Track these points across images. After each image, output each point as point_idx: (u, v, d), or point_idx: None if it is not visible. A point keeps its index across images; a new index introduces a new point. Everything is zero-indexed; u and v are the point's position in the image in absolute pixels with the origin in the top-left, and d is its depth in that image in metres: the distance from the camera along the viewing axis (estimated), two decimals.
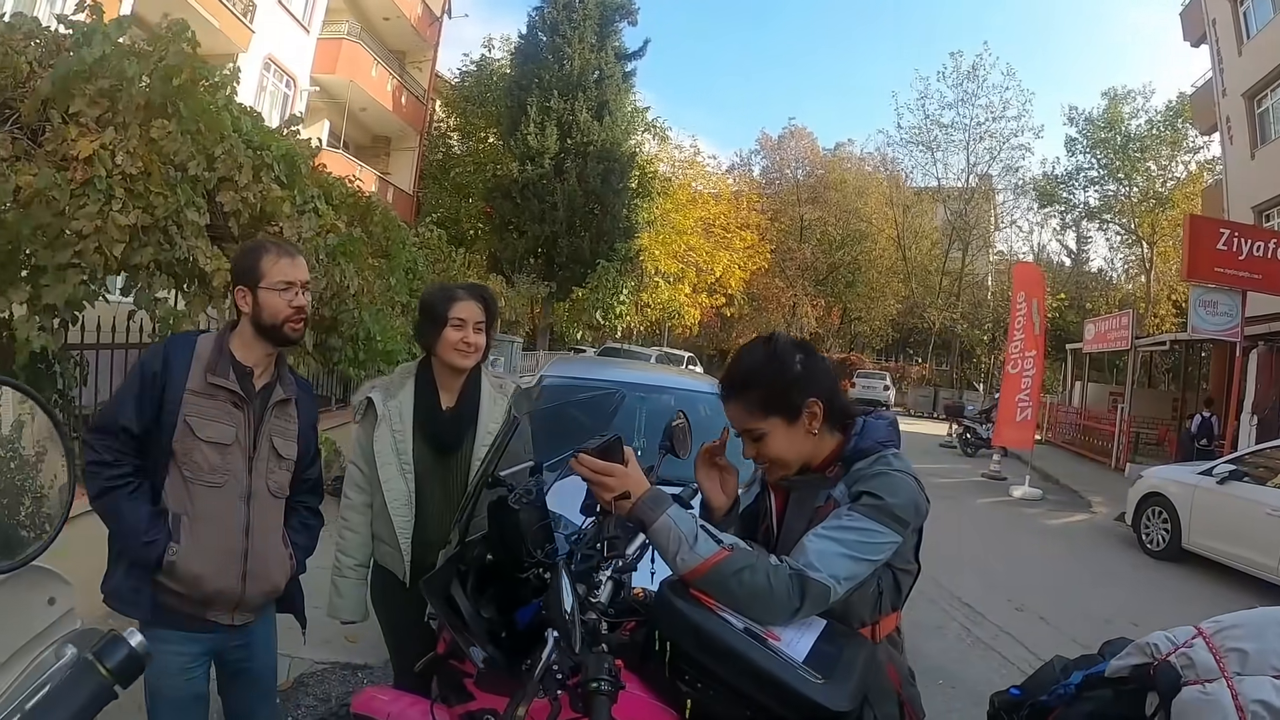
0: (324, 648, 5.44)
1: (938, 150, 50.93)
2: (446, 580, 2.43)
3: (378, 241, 9.62)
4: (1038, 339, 18.56)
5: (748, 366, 2.43)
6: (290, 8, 26.25)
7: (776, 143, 56.96)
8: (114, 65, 5.04)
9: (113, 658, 1.21)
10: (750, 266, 44.11)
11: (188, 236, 5.32)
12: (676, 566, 2.13)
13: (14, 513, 1.56)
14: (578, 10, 31.86)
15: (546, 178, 30.27)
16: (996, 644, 7.68)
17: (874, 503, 2.19)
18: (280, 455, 3.07)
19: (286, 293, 2.96)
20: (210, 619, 2.96)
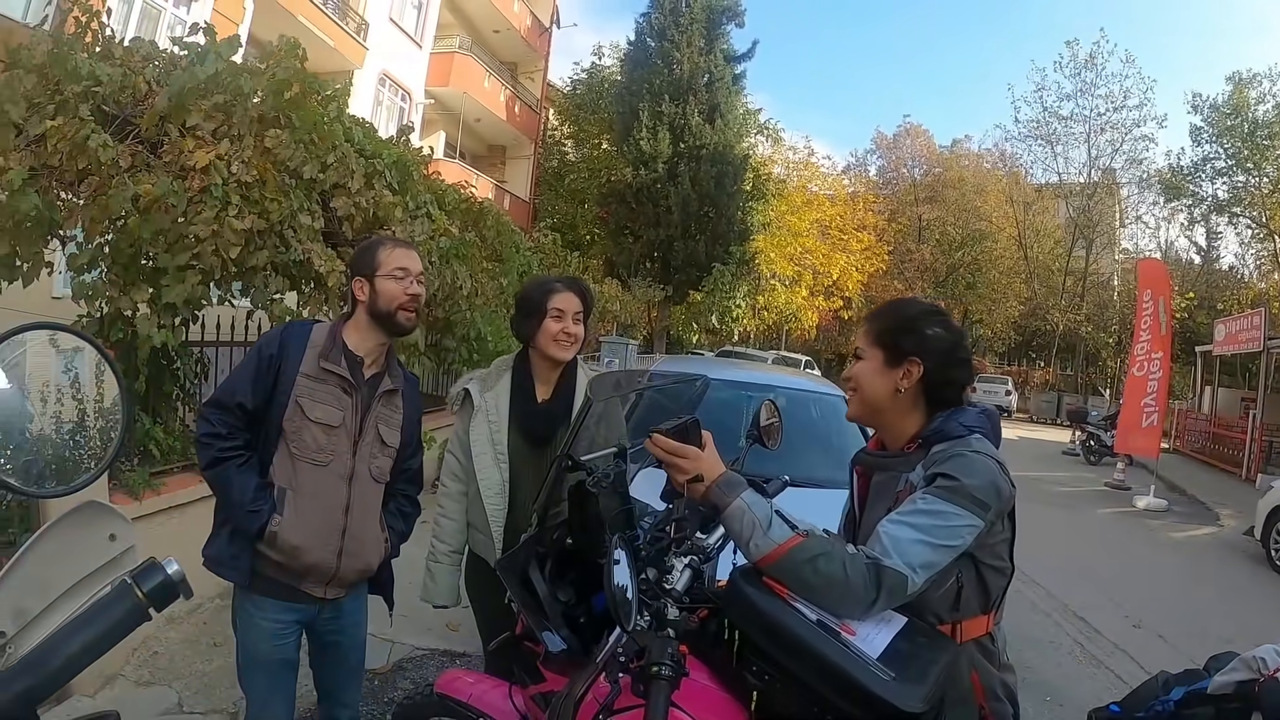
0: (426, 634, 5.59)
1: (1058, 144, 48.84)
2: (524, 562, 2.45)
3: (491, 245, 9.74)
4: (1164, 340, 17.53)
5: (892, 303, 2.52)
6: (403, 24, 26.88)
7: (892, 141, 56.05)
8: (227, 81, 5.24)
9: (149, 582, 1.29)
10: (868, 268, 43.46)
11: (302, 240, 5.50)
12: (749, 552, 2.10)
13: (69, 446, 1.66)
14: (684, 14, 31.77)
15: (660, 182, 30.28)
16: (1110, 661, 7.39)
17: (949, 484, 2.12)
18: (384, 442, 3.20)
19: (403, 280, 3.10)
20: (304, 590, 3.10)
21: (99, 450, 1.66)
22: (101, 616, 1.26)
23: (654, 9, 32.42)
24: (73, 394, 1.68)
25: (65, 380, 1.69)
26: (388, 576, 3.42)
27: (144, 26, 15.99)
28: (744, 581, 2.10)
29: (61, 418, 1.65)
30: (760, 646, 2.05)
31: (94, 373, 1.68)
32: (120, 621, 1.27)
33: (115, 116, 5.17)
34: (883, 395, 2.37)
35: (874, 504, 2.44)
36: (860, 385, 2.40)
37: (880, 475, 2.46)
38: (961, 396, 2.42)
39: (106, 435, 1.67)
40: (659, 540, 2.41)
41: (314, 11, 20.92)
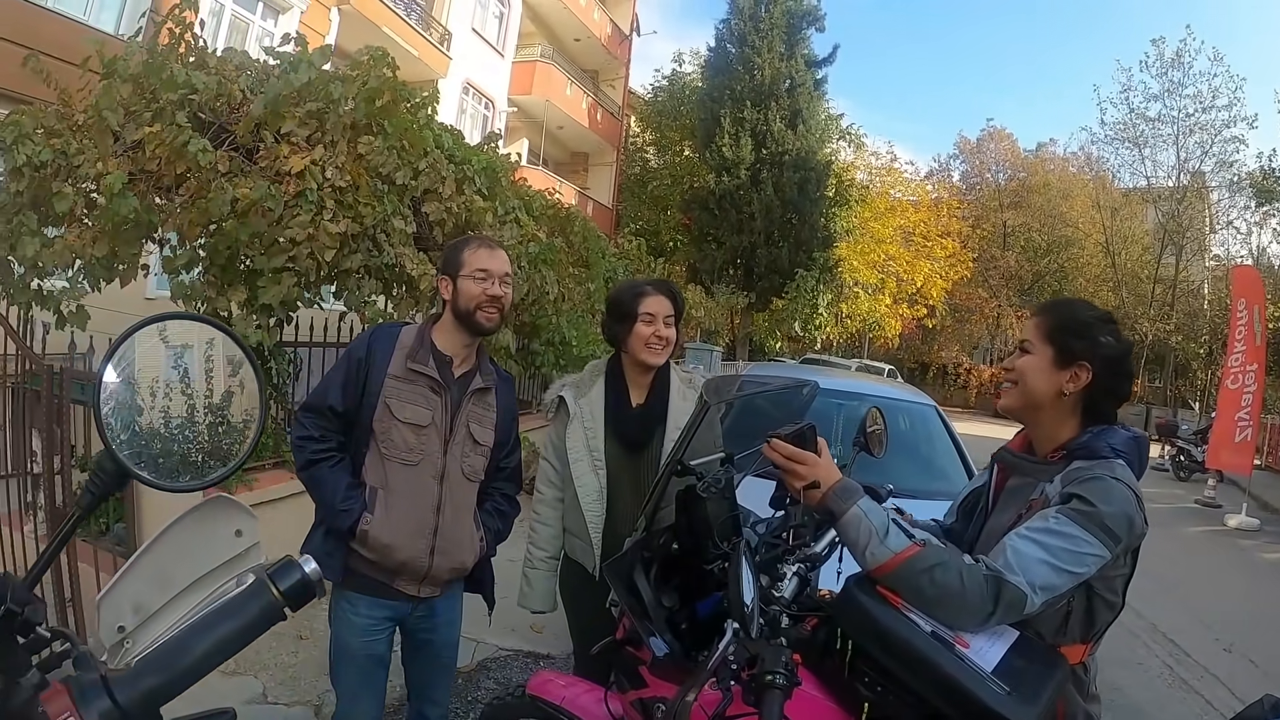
0: (510, 635, 5.62)
1: (1145, 146, 46.46)
2: (630, 566, 2.42)
3: (577, 251, 9.82)
4: (1259, 351, 16.95)
5: (1065, 301, 2.47)
6: (485, 34, 27.11)
7: (975, 146, 55.11)
8: (320, 89, 5.32)
9: (285, 580, 1.27)
10: (952, 276, 42.82)
11: (395, 244, 5.58)
12: (865, 561, 2.09)
13: (206, 439, 1.66)
14: (764, 20, 31.54)
15: (743, 188, 30.12)
16: (1200, 686, 7.15)
17: (1084, 508, 2.06)
18: (476, 441, 3.21)
19: (484, 281, 3.10)
20: (397, 588, 3.14)
21: (233, 444, 1.66)
22: (235, 614, 1.23)
23: (733, 15, 32.28)
24: (206, 386, 1.68)
25: (198, 373, 1.70)
26: (487, 575, 3.44)
27: (233, 38, 16.39)
28: (859, 590, 2.08)
29: (195, 410, 1.65)
30: (874, 657, 2.02)
31: (229, 366, 1.69)
32: (255, 620, 1.25)
33: (211, 123, 5.29)
34: (1045, 394, 2.32)
35: (1005, 505, 2.40)
36: (1024, 379, 2.34)
37: (1018, 479, 2.41)
38: (1116, 413, 2.37)
39: (240, 429, 1.67)
40: (774, 547, 2.37)
41: (398, 22, 21.20)
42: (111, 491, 1.35)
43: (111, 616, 1.28)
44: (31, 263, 4.94)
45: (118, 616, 1.28)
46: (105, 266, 5.04)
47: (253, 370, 1.63)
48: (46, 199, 4.97)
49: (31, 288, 5.17)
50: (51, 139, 5.09)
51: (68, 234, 5.01)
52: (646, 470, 3.52)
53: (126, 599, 1.29)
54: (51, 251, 4.93)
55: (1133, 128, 46.22)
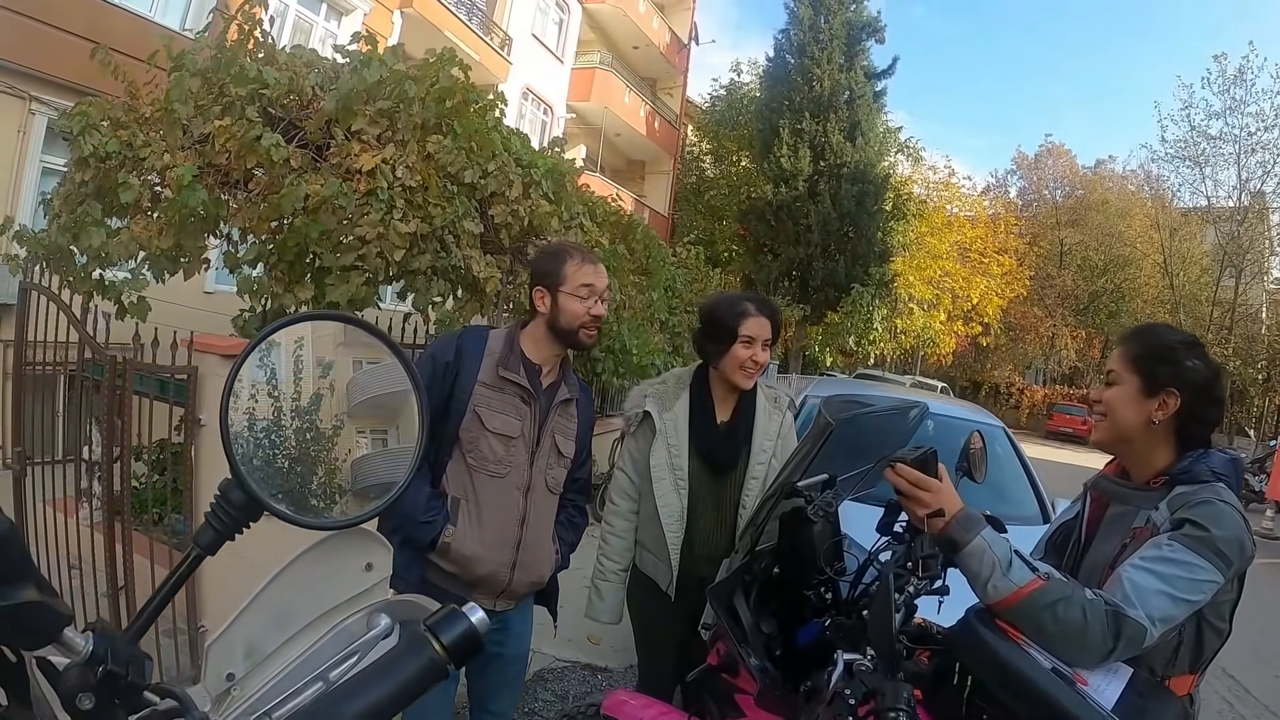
0: (567, 646, 5.59)
1: (1205, 165, 45.30)
2: (732, 589, 2.35)
3: (638, 259, 9.78)
4: None
5: (1150, 328, 2.39)
6: (544, 40, 27.25)
7: (1033, 161, 54.85)
8: (392, 88, 5.26)
9: (449, 633, 1.10)
10: (1007, 294, 42.51)
11: (463, 246, 5.53)
12: (986, 594, 2.00)
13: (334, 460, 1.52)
14: (824, 31, 31.46)
15: (800, 200, 30.02)
16: None
17: (1198, 533, 2.00)
18: (560, 452, 3.14)
19: (587, 300, 3.03)
20: (475, 600, 2.99)
21: (323, 449, 1.53)
22: (391, 674, 1.05)
23: (793, 25, 32.22)
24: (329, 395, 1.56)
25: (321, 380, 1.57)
26: (554, 588, 3.37)
27: (296, 39, 16.48)
28: (980, 624, 1.99)
29: (321, 422, 1.53)
30: (993, 692, 1.95)
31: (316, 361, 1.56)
32: (414, 680, 1.07)
33: (281, 119, 5.25)
34: (1135, 425, 2.23)
35: (1106, 535, 2.30)
36: (1113, 411, 2.26)
37: (1118, 507, 2.31)
38: (1210, 437, 2.27)
39: (330, 433, 1.55)
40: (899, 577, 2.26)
41: (460, 27, 21.33)
42: (240, 527, 1.18)
43: (221, 663, 1.13)
44: (96, 253, 4.93)
45: (228, 663, 1.13)
46: (170, 259, 5.04)
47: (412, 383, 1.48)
48: (111, 190, 4.95)
49: (93, 278, 5.16)
50: (118, 130, 5.08)
51: (133, 225, 4.99)
52: (729, 489, 3.45)
53: (239, 643, 1.14)
54: (116, 242, 4.91)
55: (1193, 145, 45.19)
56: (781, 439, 3.53)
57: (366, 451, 1.57)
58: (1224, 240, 44.35)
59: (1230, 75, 43.09)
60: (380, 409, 1.57)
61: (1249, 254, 44.30)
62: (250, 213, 4.91)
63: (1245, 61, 42.97)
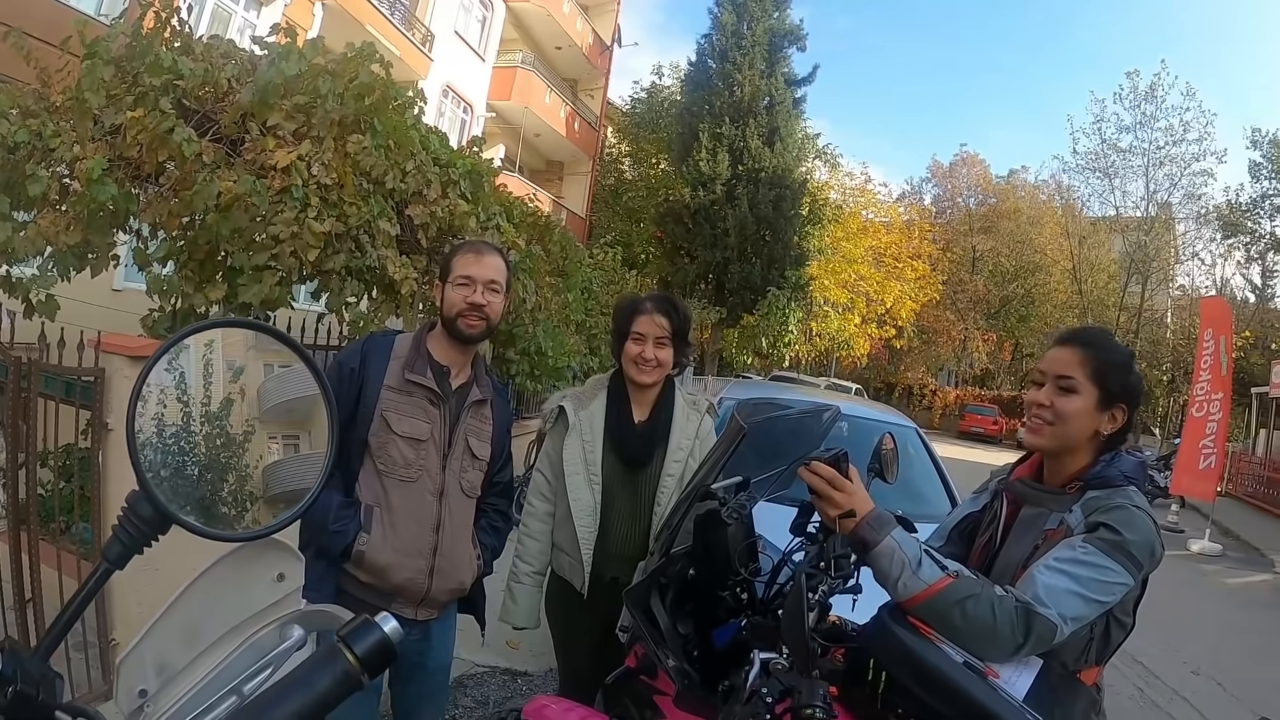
0: (484, 652, 5.55)
1: (1115, 177, 47.73)
2: (648, 592, 2.37)
3: (555, 260, 9.75)
4: (1225, 381, 17.44)
5: (1104, 335, 2.37)
6: (467, 38, 27.20)
7: (948, 170, 55.93)
8: (309, 83, 5.19)
9: (362, 643, 1.09)
10: (921, 298, 43.23)
11: (378, 246, 5.46)
12: (897, 592, 2.05)
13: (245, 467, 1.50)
14: (746, 37, 31.67)
15: (718, 203, 30.15)
16: (1170, 708, 7.37)
17: (1112, 538, 2.05)
18: (474, 455, 3.11)
19: (464, 288, 3.01)
20: (393, 612, 2.95)
21: (233, 455, 1.51)
22: (305, 686, 1.04)
23: (716, 31, 32.37)
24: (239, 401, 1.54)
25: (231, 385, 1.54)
26: (479, 595, 3.34)
27: (214, 28, 16.19)
28: (893, 620, 2.04)
29: (232, 428, 1.51)
30: (908, 688, 1.98)
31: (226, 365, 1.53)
32: (328, 691, 1.05)
33: (195, 112, 5.12)
34: (1084, 435, 2.27)
35: (1019, 536, 2.35)
36: (1067, 420, 2.25)
37: (1031, 509, 2.36)
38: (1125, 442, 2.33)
39: (241, 439, 1.53)
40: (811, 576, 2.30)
41: (381, 21, 21.17)
42: (148, 541, 1.16)
43: (133, 679, 1.10)
44: (1, 248, 4.79)
45: (140, 679, 1.11)
46: (77, 255, 4.88)
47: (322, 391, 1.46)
48: (20, 182, 4.78)
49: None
50: (28, 119, 4.93)
51: (40, 219, 4.83)
52: (644, 489, 3.47)
53: (150, 659, 1.12)
54: (23, 237, 4.76)
55: (1104, 158, 47.22)
56: (700, 440, 3.57)
57: (278, 458, 1.56)
58: (1131, 248, 46.14)
59: (1142, 91, 44.91)
60: (292, 414, 1.55)
61: (1155, 262, 46.27)
62: (161, 208, 4.80)
63: (1157, 79, 45.03)
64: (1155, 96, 45.08)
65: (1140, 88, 45.30)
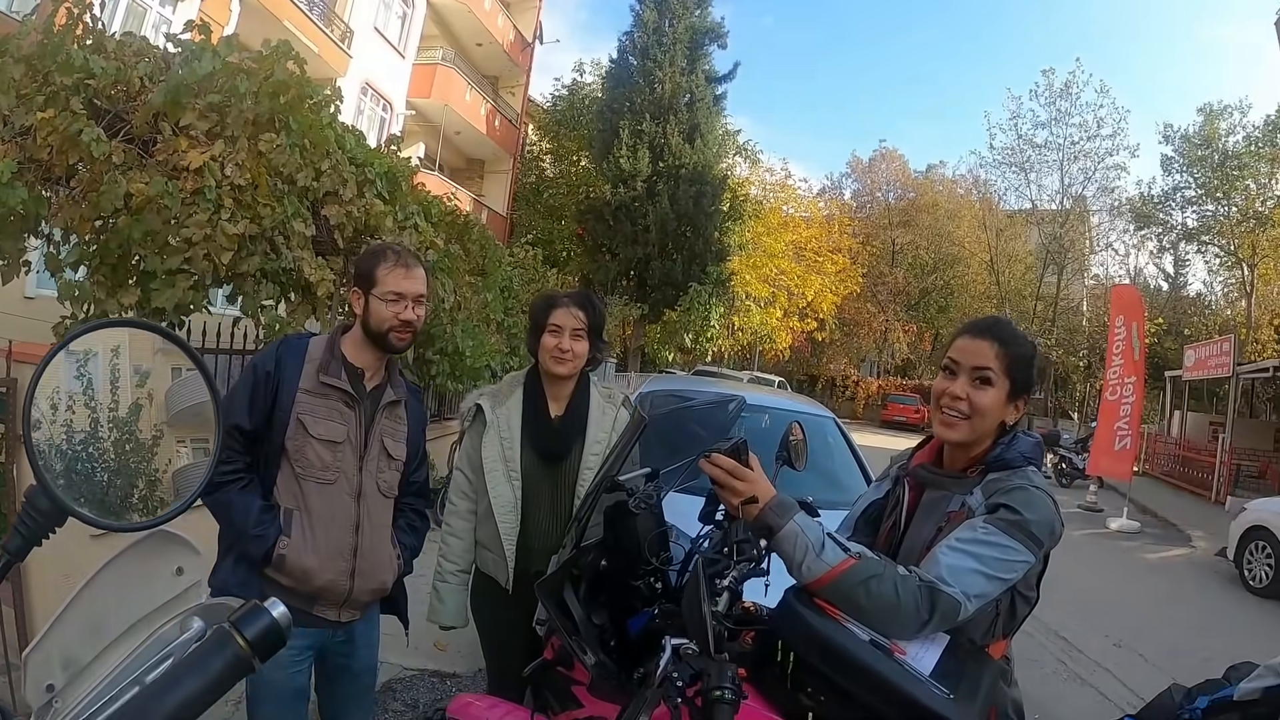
0: (413, 654, 5.47)
1: (1031, 171, 48.98)
2: (560, 584, 2.41)
3: (474, 259, 9.69)
4: (1138, 365, 18.02)
5: (1014, 328, 2.40)
6: (387, 34, 26.86)
7: (867, 165, 56.56)
8: (223, 81, 5.12)
9: (252, 628, 1.12)
10: (841, 291, 43.72)
11: (294, 247, 5.41)
12: (801, 575, 2.08)
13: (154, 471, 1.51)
14: (668, 34, 31.92)
15: (639, 200, 30.32)
16: (1094, 679, 7.54)
17: (1012, 517, 2.12)
18: (390, 455, 3.12)
19: (395, 304, 3.01)
20: (317, 614, 3.00)
21: (142, 460, 1.52)
22: (197, 671, 1.08)
23: (637, 28, 32.55)
24: (147, 405, 1.54)
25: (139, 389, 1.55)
26: (401, 595, 3.34)
27: (129, 24, 15.78)
28: (798, 602, 2.08)
29: (140, 432, 1.52)
30: (815, 667, 2.03)
31: (133, 369, 1.54)
32: (221, 677, 1.08)
33: (107, 111, 5.02)
34: (993, 426, 2.33)
35: (923, 519, 2.41)
36: (983, 413, 2.29)
37: (933, 493, 2.42)
38: None
39: (150, 444, 1.54)
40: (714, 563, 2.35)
41: (299, 17, 20.88)
42: (46, 532, 1.18)
43: (40, 674, 1.13)
44: None
45: (46, 674, 1.14)
46: None
47: (208, 386, 1.49)
48: None
49: None
50: None
51: None
52: (563, 483, 3.50)
53: (56, 653, 1.14)
54: None
55: (1020, 153, 48.53)
56: (616, 433, 3.59)
57: (188, 461, 1.57)
58: (1047, 240, 47.54)
59: (1057, 89, 46.13)
60: (200, 417, 1.56)
61: (1070, 253, 47.71)
62: (73, 212, 4.70)
63: (1072, 76, 46.39)
64: (1070, 93, 46.46)
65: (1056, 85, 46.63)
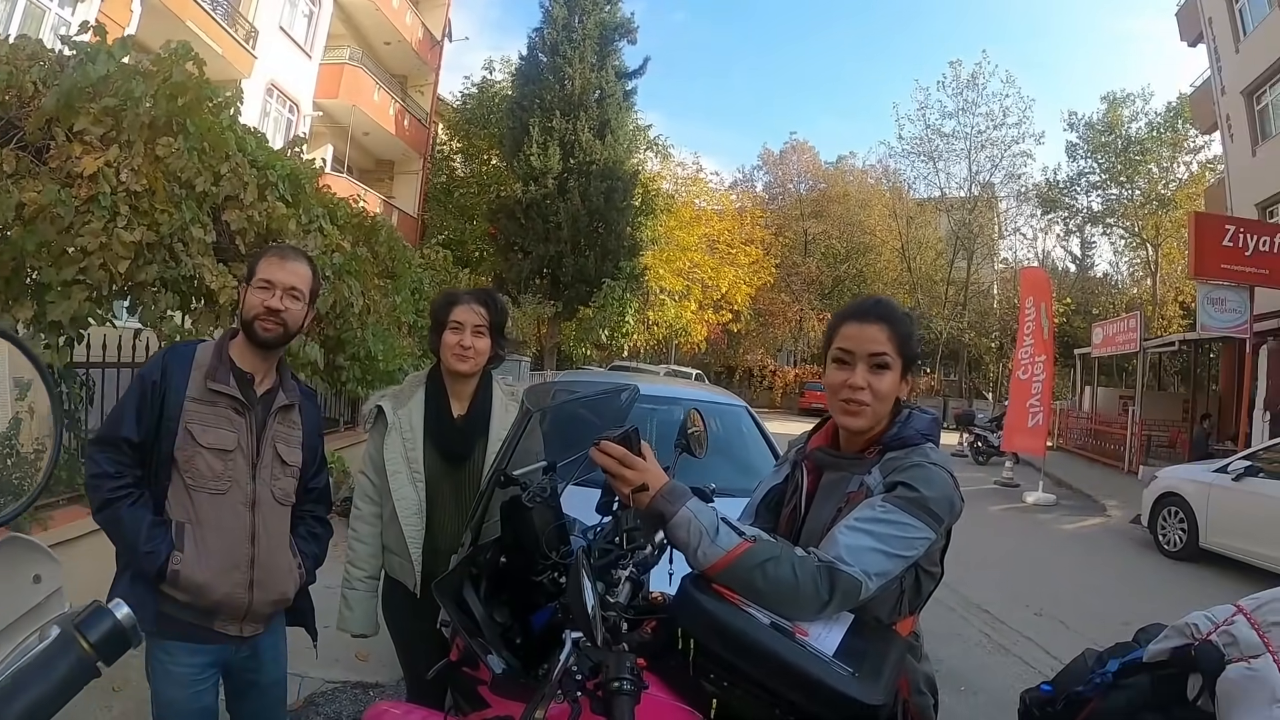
0: (335, 666, 5.35)
1: (939, 160, 50.74)
2: (459, 583, 2.38)
3: (383, 261, 9.61)
4: (1047, 344, 18.56)
5: (895, 305, 2.39)
6: (293, 33, 26.45)
7: (779, 158, 57.14)
8: (119, 84, 5.00)
9: (95, 630, 1.11)
10: (755, 282, 44.14)
11: (193, 254, 5.30)
12: (697, 561, 2.07)
13: None
14: (577, 31, 31.87)
15: (550, 197, 30.24)
16: (1017, 649, 7.66)
17: (909, 494, 2.13)
18: (284, 461, 3.04)
19: (263, 292, 2.93)
20: (218, 630, 2.92)
21: (24, 478, 1.49)
22: (41, 676, 1.06)
23: (547, 24, 32.42)
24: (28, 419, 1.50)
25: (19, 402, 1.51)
26: (307, 605, 3.25)
27: (27, 26, 15.40)
28: (695, 589, 2.07)
29: (21, 446, 1.48)
30: (716, 653, 2.02)
31: (13, 383, 1.50)
32: (65, 680, 1.07)
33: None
34: (890, 404, 2.33)
35: (823, 501, 2.41)
36: (886, 398, 2.30)
37: (832, 474, 2.42)
38: None
39: (32, 460, 1.51)
40: (607, 553, 2.35)
41: (203, 16, 20.49)
42: None
43: None
44: None
45: None
46: None
47: (45, 389, 1.46)
48: None
49: None
50: None
51: None
52: (467, 483, 3.47)
53: None
54: None
55: (928, 143, 49.82)
56: None
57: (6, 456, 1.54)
58: (957, 226, 48.93)
59: (964, 80, 47.42)
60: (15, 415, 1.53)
61: (979, 238, 49.15)
62: None
63: (978, 67, 48.05)
64: (977, 84, 48.11)
65: (963, 76, 47.91)
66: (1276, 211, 24.37)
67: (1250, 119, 25.74)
